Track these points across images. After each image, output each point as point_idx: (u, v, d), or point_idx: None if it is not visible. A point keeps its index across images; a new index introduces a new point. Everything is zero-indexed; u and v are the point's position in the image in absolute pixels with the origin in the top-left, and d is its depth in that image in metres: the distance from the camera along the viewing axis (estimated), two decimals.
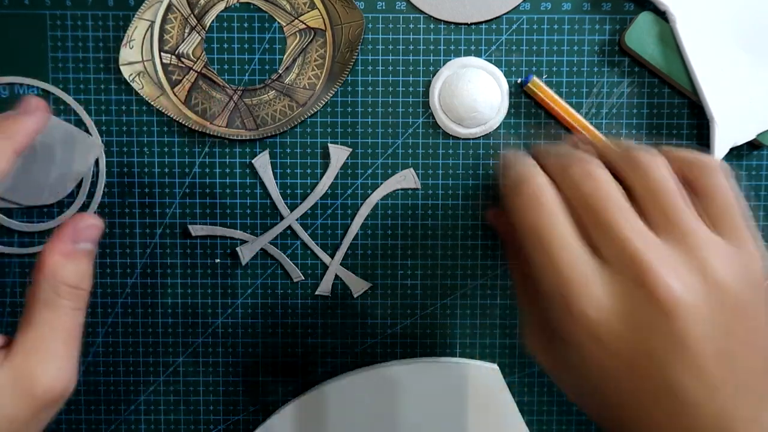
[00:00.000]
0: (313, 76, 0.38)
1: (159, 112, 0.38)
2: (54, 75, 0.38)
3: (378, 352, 0.40)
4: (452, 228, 0.39)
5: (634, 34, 0.37)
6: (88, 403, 0.40)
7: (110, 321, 0.39)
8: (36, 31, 0.37)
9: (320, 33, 0.37)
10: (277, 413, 0.37)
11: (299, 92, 0.38)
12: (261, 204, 0.39)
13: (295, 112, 0.38)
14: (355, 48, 0.37)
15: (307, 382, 0.40)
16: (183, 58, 0.37)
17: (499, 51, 0.38)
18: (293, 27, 0.37)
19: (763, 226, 0.39)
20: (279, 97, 0.37)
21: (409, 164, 0.38)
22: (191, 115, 0.38)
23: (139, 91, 0.37)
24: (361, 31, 0.37)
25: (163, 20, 0.37)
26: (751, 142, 0.38)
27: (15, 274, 0.39)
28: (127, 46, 0.37)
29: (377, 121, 0.38)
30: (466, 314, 0.39)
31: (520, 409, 0.37)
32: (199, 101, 0.38)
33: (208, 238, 0.39)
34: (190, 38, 0.37)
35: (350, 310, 0.39)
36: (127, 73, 0.37)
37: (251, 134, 0.38)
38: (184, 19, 0.37)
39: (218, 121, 0.38)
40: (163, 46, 0.37)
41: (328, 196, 0.39)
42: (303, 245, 0.39)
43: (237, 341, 0.39)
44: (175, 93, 0.38)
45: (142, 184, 0.38)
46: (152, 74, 0.37)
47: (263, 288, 0.39)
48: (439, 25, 0.38)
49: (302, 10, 0.37)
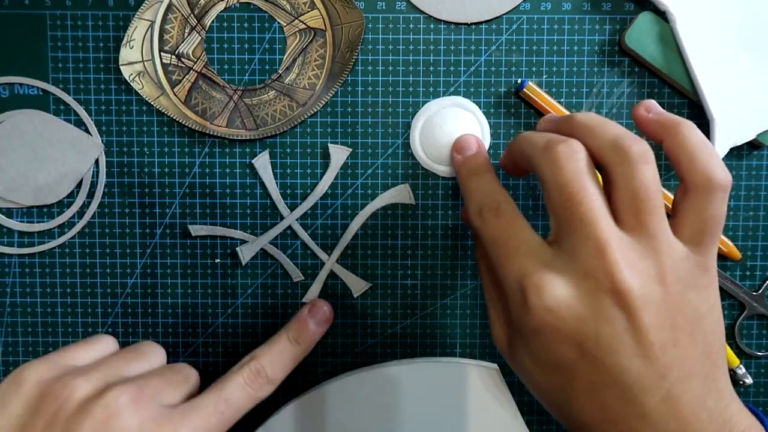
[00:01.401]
0: (313, 76, 0.38)
1: (159, 112, 0.38)
2: (54, 75, 0.38)
3: (378, 352, 0.40)
4: (452, 228, 0.39)
5: (634, 34, 0.37)
6: None
7: (110, 321, 0.39)
8: (36, 31, 0.37)
9: (320, 33, 0.37)
10: (277, 413, 0.37)
11: (299, 92, 0.38)
12: (261, 204, 0.39)
13: (295, 112, 0.38)
14: (355, 48, 0.37)
15: (307, 381, 0.40)
16: (183, 58, 0.37)
17: (499, 51, 0.38)
18: (293, 27, 0.37)
19: (763, 226, 0.39)
20: (279, 97, 0.37)
21: (409, 164, 0.38)
22: (191, 115, 0.38)
23: (139, 91, 0.37)
24: (361, 31, 0.37)
25: (163, 20, 0.37)
26: (751, 142, 0.38)
27: (15, 275, 0.39)
28: (127, 46, 0.37)
29: (377, 121, 0.38)
30: (466, 314, 0.39)
31: (520, 409, 0.37)
32: (199, 101, 0.38)
33: (208, 238, 0.39)
34: (190, 38, 0.37)
35: (350, 310, 0.39)
36: (127, 73, 0.37)
37: (251, 134, 0.38)
38: (184, 19, 0.37)
39: (218, 121, 0.38)
40: (163, 46, 0.37)
41: (328, 196, 0.39)
42: (303, 245, 0.39)
43: (237, 341, 0.39)
44: (175, 93, 0.38)
45: (142, 184, 0.38)
46: (152, 74, 0.37)
47: (263, 288, 0.39)
48: (439, 25, 0.38)
49: (302, 10, 0.37)
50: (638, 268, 0.26)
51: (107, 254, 0.39)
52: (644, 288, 0.25)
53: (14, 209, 0.38)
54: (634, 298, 0.25)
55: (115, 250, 0.39)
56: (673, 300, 0.26)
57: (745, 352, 0.39)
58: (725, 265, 0.39)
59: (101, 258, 0.39)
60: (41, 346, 0.39)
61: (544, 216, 0.39)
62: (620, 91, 0.38)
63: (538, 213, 0.39)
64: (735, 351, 0.39)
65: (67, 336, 0.39)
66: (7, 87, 0.38)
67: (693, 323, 0.26)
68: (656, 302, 0.25)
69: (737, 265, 0.39)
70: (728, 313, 0.39)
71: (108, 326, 0.39)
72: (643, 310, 0.25)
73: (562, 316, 0.26)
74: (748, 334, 0.39)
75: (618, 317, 0.25)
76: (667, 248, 0.26)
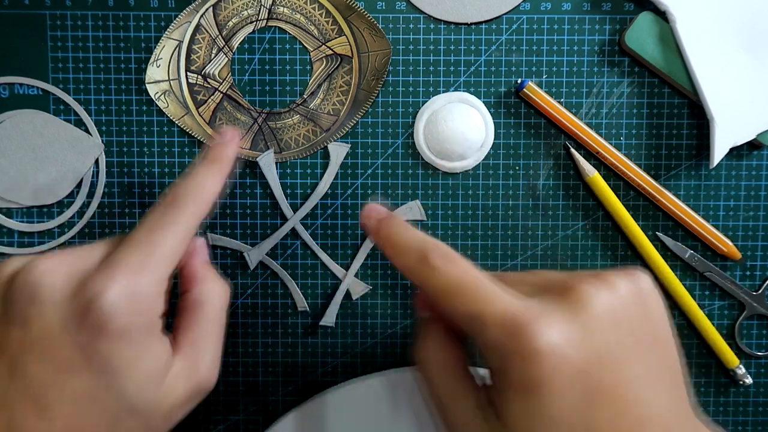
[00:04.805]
0: (338, 102, 0.38)
1: (159, 111, 0.38)
2: (54, 75, 0.38)
3: (378, 352, 0.40)
4: (451, 228, 0.39)
5: (634, 34, 0.37)
6: None
7: None
8: (36, 31, 0.37)
9: (347, 59, 0.38)
10: (278, 423, 0.37)
11: (323, 117, 0.38)
12: (261, 204, 0.39)
13: (319, 138, 0.38)
14: (382, 76, 0.37)
15: (307, 382, 0.40)
16: (209, 78, 0.37)
17: (499, 51, 0.38)
18: (320, 52, 0.37)
19: (763, 226, 0.39)
20: (303, 121, 0.37)
21: (409, 164, 0.38)
22: None
23: (164, 110, 0.37)
24: (387, 60, 0.37)
25: (191, 40, 0.37)
26: (751, 142, 0.38)
27: None
28: (154, 64, 0.37)
29: (377, 121, 0.38)
30: None
31: None
32: (223, 122, 0.38)
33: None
34: (216, 59, 0.37)
35: (350, 310, 0.39)
36: (153, 91, 0.37)
37: (275, 158, 0.38)
38: (212, 40, 0.37)
39: (242, 143, 0.38)
40: (189, 66, 0.37)
41: (328, 195, 0.39)
42: (303, 245, 0.39)
43: (237, 341, 0.39)
44: (200, 113, 0.38)
45: (142, 184, 0.38)
46: (178, 93, 0.38)
47: (263, 288, 0.39)
48: (439, 25, 0.38)
49: (330, 36, 0.37)
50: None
51: None
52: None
53: (14, 209, 0.38)
54: (549, 384, 0.22)
55: None
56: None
57: (745, 352, 0.39)
58: (725, 265, 0.39)
59: None
60: None
61: (545, 217, 0.39)
62: (620, 91, 0.38)
63: (539, 213, 0.39)
64: (735, 351, 0.39)
65: None
66: (7, 87, 0.38)
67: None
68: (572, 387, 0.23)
69: (737, 265, 0.39)
70: (728, 313, 0.39)
71: None
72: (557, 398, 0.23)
73: (569, 354, 0.22)
74: (748, 334, 0.39)
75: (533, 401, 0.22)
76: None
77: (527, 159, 0.38)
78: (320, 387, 0.39)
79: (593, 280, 0.24)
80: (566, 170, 0.39)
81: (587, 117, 0.38)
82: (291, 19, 0.37)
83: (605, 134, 0.38)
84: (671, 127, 0.38)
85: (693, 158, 0.39)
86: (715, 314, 0.39)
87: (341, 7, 0.37)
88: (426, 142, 0.38)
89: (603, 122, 0.38)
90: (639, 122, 0.38)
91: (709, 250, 0.39)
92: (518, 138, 0.38)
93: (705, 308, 0.39)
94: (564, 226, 0.39)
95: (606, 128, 0.38)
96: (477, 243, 0.39)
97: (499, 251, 0.39)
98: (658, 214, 0.39)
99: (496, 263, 0.39)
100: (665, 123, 0.38)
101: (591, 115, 0.38)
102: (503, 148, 0.38)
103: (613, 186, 0.38)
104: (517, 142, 0.38)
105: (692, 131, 0.38)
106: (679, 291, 0.38)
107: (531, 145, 0.38)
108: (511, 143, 0.38)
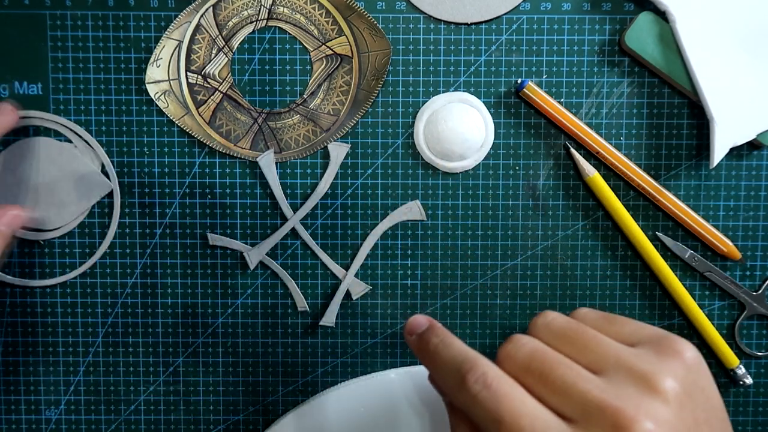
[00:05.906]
0: (338, 102, 0.38)
1: (159, 111, 0.38)
2: (54, 75, 0.38)
3: (378, 352, 0.40)
4: (451, 228, 0.39)
5: (634, 34, 0.37)
6: (88, 403, 0.39)
7: (110, 321, 0.39)
8: (36, 31, 0.37)
9: (347, 60, 0.38)
10: (277, 423, 0.37)
11: (323, 118, 0.38)
12: (261, 204, 0.39)
13: (319, 138, 0.38)
14: (381, 76, 0.37)
15: (307, 382, 0.40)
16: (209, 78, 0.37)
17: (499, 51, 0.38)
18: (320, 53, 0.37)
19: (763, 226, 0.39)
20: (303, 121, 0.37)
21: (409, 164, 0.38)
22: (215, 136, 0.38)
23: (164, 110, 0.37)
24: (387, 60, 0.37)
25: (191, 40, 0.37)
26: (751, 142, 0.38)
27: (15, 275, 0.39)
28: (154, 64, 0.37)
29: (377, 121, 0.38)
30: (466, 314, 0.39)
31: None
32: (223, 122, 0.38)
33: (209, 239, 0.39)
34: (216, 59, 0.37)
35: (350, 310, 0.39)
36: (153, 91, 0.37)
37: (275, 158, 0.38)
38: (212, 40, 0.37)
39: (242, 143, 0.38)
40: (189, 66, 0.37)
41: (328, 196, 0.39)
42: (303, 245, 0.39)
43: (237, 341, 0.39)
44: (200, 113, 0.38)
45: (142, 184, 0.38)
46: (178, 93, 0.38)
47: (263, 288, 0.39)
48: (439, 25, 0.38)
49: (330, 36, 0.37)
50: (643, 405, 0.23)
51: (107, 254, 0.39)
52: (661, 424, 0.23)
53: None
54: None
55: (115, 250, 0.39)
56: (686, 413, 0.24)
57: (745, 352, 0.39)
58: (725, 265, 0.39)
59: (101, 258, 0.39)
60: (41, 346, 0.39)
61: (545, 217, 0.39)
62: (620, 91, 0.38)
63: (539, 213, 0.39)
64: (735, 351, 0.39)
65: (66, 336, 0.39)
66: (7, 87, 0.38)
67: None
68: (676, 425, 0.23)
69: (737, 265, 0.39)
70: (728, 313, 0.39)
71: (108, 326, 0.39)
72: None
73: None
74: (748, 334, 0.39)
75: None
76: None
77: (527, 159, 0.38)
78: (320, 387, 0.39)
79: (670, 362, 0.24)
80: (566, 170, 0.39)
81: (587, 117, 0.38)
82: (291, 19, 0.37)
83: (605, 134, 0.38)
84: (671, 127, 0.38)
85: (693, 158, 0.39)
86: (715, 314, 0.39)
87: (341, 7, 0.37)
88: (426, 142, 0.38)
89: (603, 122, 0.38)
90: (639, 122, 0.38)
91: (709, 250, 0.39)
92: (518, 138, 0.38)
93: (705, 308, 0.39)
94: (564, 226, 0.39)
95: (606, 128, 0.38)
96: (477, 243, 0.39)
97: (499, 251, 0.39)
98: (658, 214, 0.39)
99: (496, 263, 0.39)
100: (665, 123, 0.38)
101: (591, 115, 0.38)
102: (503, 148, 0.38)
103: (613, 186, 0.38)
104: (517, 142, 0.38)
105: (692, 131, 0.38)
106: (679, 291, 0.38)
107: (531, 145, 0.38)
108: (511, 143, 0.38)
